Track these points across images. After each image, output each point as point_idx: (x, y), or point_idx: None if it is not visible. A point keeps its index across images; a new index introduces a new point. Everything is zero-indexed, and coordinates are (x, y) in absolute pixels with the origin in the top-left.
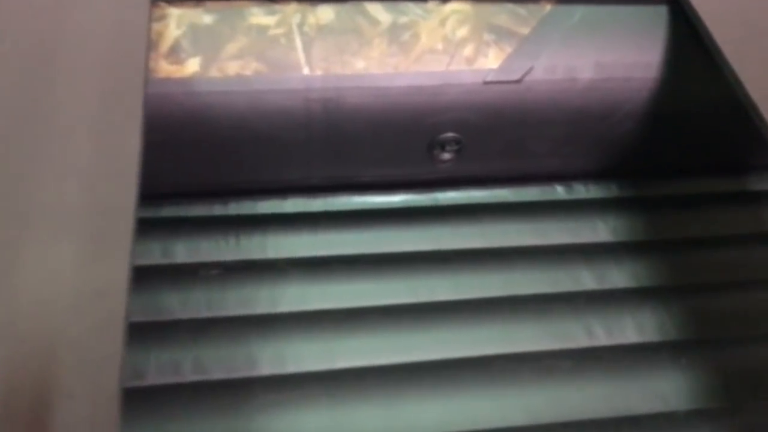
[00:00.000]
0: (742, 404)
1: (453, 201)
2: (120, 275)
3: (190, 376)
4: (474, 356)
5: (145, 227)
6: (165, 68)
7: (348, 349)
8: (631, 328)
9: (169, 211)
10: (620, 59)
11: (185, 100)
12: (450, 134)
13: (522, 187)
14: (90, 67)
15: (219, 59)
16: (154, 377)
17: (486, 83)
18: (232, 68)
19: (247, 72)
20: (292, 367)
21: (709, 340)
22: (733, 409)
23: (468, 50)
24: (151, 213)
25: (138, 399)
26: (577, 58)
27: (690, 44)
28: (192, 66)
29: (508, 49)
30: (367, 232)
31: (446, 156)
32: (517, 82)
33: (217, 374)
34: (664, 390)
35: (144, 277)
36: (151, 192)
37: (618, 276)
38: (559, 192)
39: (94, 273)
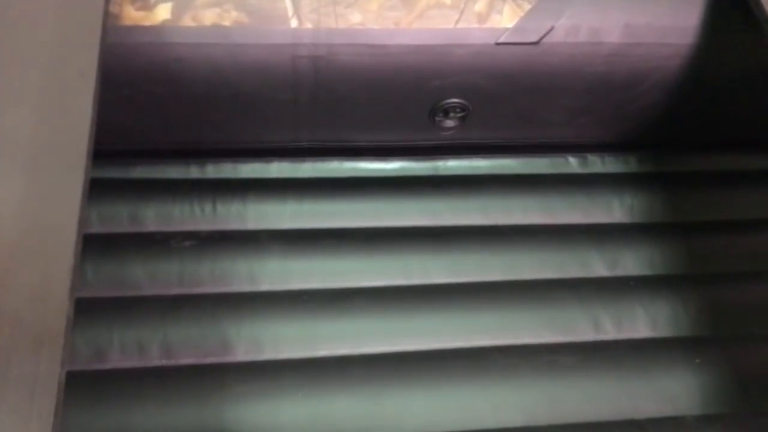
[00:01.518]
0: (758, 411)
1: (454, 171)
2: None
3: (156, 360)
4: (468, 347)
5: (112, 189)
6: (131, 15)
7: (331, 335)
8: (642, 322)
9: (139, 172)
10: (653, 22)
11: (154, 52)
12: (455, 100)
13: (530, 157)
14: (40, 17)
15: (193, 6)
16: (117, 360)
17: (498, 44)
18: (209, 17)
19: (226, 22)
20: (268, 354)
21: (727, 337)
22: (748, 416)
23: (480, 5)
24: (119, 173)
25: (99, 383)
26: (603, 19)
27: (732, 7)
28: (162, 13)
29: (526, 6)
30: (358, 203)
31: (449, 123)
32: (534, 44)
33: (187, 359)
34: (674, 392)
35: (108, 245)
36: (119, 150)
37: (632, 262)
38: (572, 164)
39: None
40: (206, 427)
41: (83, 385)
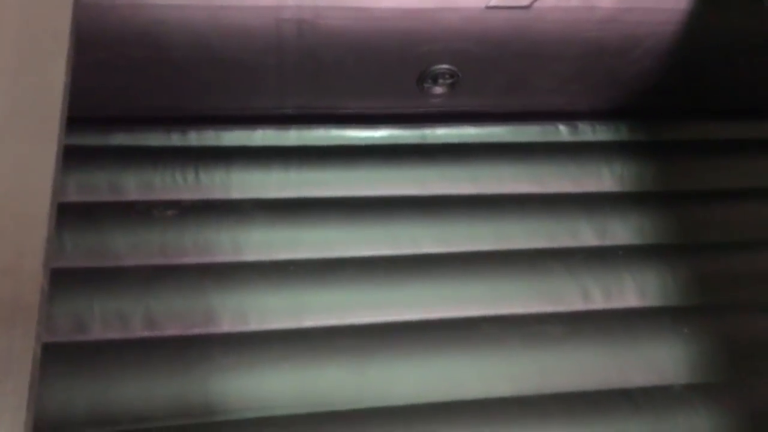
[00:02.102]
0: (745, 380)
1: (443, 139)
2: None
3: (139, 332)
4: (457, 317)
5: (91, 157)
6: None
7: (317, 306)
8: (631, 291)
9: (119, 139)
10: None
11: (132, 14)
12: (444, 66)
13: (520, 125)
14: None
15: None
16: (99, 331)
17: (489, 8)
18: None
19: None
20: (254, 325)
21: (715, 306)
22: (734, 385)
23: None
24: (97, 140)
25: (80, 355)
26: None
27: None
28: None
29: None
30: (345, 171)
31: (438, 90)
32: (526, 8)
33: (171, 330)
34: (662, 361)
35: (87, 215)
36: (97, 117)
37: (621, 231)
38: (562, 132)
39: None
40: (191, 400)
41: (64, 357)
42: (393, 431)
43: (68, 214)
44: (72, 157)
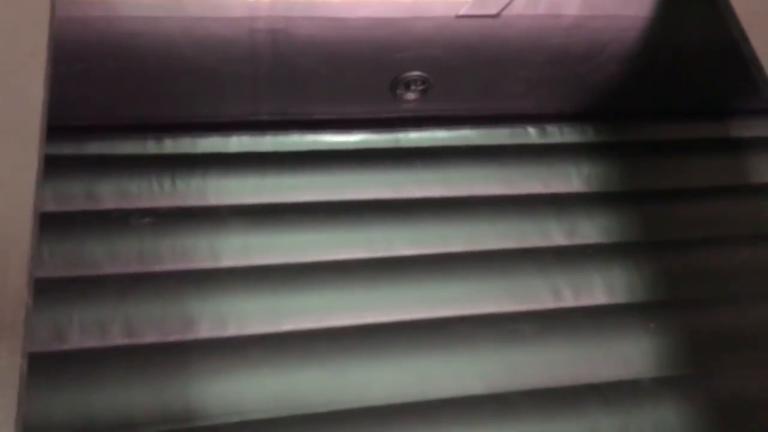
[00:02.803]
0: (710, 372)
1: (415, 143)
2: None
3: (118, 339)
4: (431, 318)
5: (67, 166)
6: None
7: (295, 310)
8: (599, 289)
9: (94, 148)
10: None
11: (106, 26)
12: (416, 72)
13: (491, 128)
14: None
15: None
16: (77, 340)
17: (459, 17)
18: None
19: None
20: (233, 330)
21: (680, 301)
22: (700, 377)
23: None
24: (73, 149)
25: (59, 364)
26: None
27: None
28: None
29: None
30: (320, 176)
31: (411, 96)
32: (494, 16)
33: (150, 337)
34: (630, 356)
35: (64, 224)
36: (73, 126)
37: (589, 230)
38: (531, 134)
39: None
40: (171, 406)
41: (43, 367)
42: (370, 431)
43: (45, 224)
44: (48, 166)
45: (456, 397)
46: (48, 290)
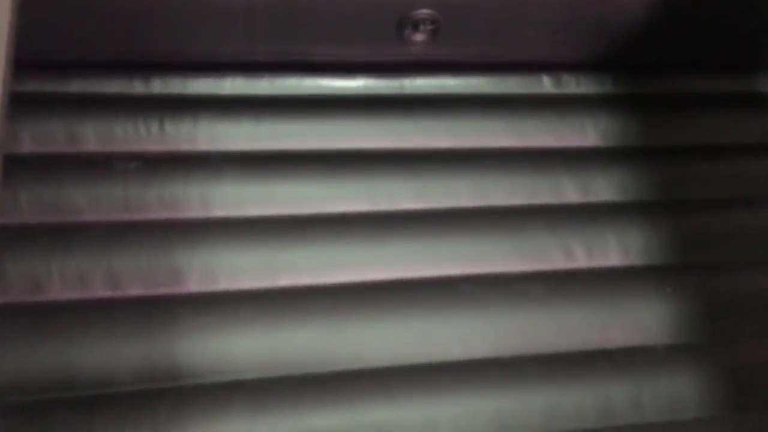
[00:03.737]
0: (728, 339)
1: (422, 90)
2: None
3: (100, 292)
4: (435, 277)
5: (47, 104)
6: None
7: (291, 265)
8: (614, 250)
9: (77, 86)
10: None
11: None
12: (425, 11)
13: (502, 76)
14: None
15: None
16: (57, 291)
17: None
18: None
19: None
20: (224, 284)
21: (699, 265)
22: (717, 344)
23: None
24: (54, 86)
25: (37, 316)
26: None
27: None
28: None
29: None
30: (319, 123)
31: (418, 37)
32: None
33: (134, 290)
34: (644, 321)
35: (44, 167)
36: (54, 61)
37: (604, 187)
38: (545, 83)
39: None
40: (157, 363)
41: (19, 320)
42: (368, 394)
43: (23, 167)
44: (27, 104)
45: (460, 361)
46: (25, 238)
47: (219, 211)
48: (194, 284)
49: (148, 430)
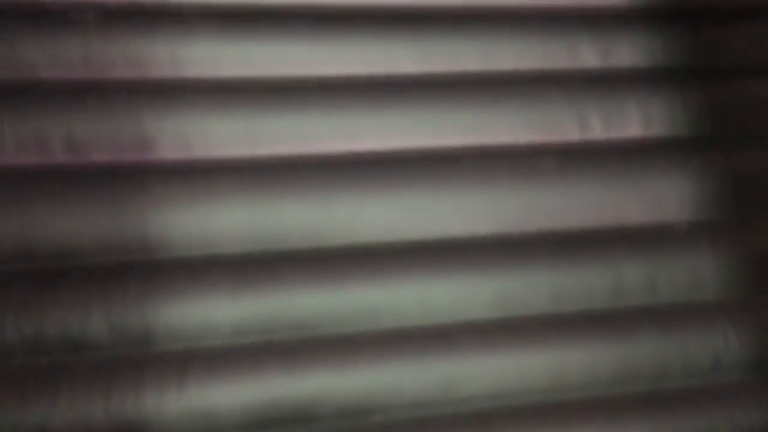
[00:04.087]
0: (754, 219)
1: None
2: None
3: (60, 156)
4: (436, 147)
5: None
6: None
7: (274, 132)
8: (635, 120)
9: None
10: None
11: None
12: None
13: None
14: None
15: None
16: (11, 155)
17: None
18: None
19: None
20: (199, 151)
21: (727, 137)
22: (742, 224)
23: None
24: None
25: None
26: None
27: None
28: None
29: None
30: None
31: None
32: None
33: (98, 156)
34: (664, 197)
35: None
36: None
37: (627, 50)
38: None
39: None
40: (126, 234)
41: None
42: (360, 272)
43: None
44: None
45: (461, 237)
46: None
47: (192, 71)
48: (165, 151)
49: (118, 305)
